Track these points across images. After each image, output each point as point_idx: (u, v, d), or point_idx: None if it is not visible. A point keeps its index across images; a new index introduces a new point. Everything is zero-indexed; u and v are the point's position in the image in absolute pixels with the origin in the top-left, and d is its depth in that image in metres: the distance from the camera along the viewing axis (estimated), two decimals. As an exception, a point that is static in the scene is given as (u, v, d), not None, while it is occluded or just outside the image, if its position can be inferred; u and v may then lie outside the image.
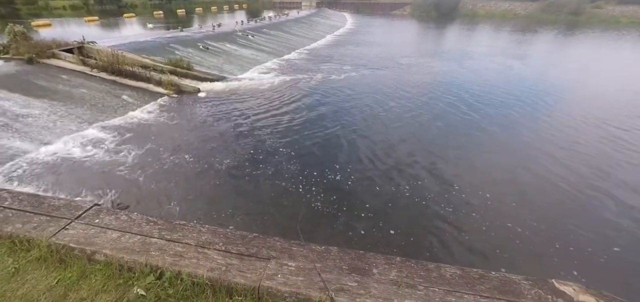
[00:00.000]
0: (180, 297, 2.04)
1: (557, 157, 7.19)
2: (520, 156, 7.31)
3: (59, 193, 4.72)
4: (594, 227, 4.88)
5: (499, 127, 8.95)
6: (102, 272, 2.13)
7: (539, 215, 5.07)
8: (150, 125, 8.21)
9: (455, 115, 9.75)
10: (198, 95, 10.94)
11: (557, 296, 2.07)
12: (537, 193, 5.73)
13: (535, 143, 7.97)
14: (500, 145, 7.93)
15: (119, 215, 2.42)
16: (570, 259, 4.21)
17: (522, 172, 6.49)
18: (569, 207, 5.35)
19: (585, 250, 4.37)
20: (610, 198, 5.63)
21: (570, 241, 4.52)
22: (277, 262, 2.20)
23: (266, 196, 5.24)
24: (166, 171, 5.81)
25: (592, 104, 11.52)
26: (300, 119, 8.92)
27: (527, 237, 4.59)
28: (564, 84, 14.27)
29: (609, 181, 6.18)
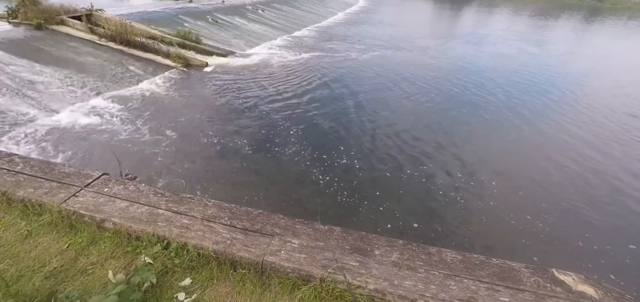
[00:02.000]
0: (186, 267, 2.11)
1: (570, 148, 7.06)
2: (531, 144, 7.20)
3: (68, 161, 4.83)
4: (606, 221, 4.84)
5: (512, 114, 8.77)
6: (111, 239, 2.20)
7: (546, 205, 5.04)
8: (157, 98, 8.25)
9: (468, 100, 9.56)
10: (206, 69, 10.88)
11: (556, 285, 2.09)
12: (546, 183, 5.68)
13: (547, 132, 7.82)
14: (512, 132, 7.80)
15: (127, 185, 2.48)
16: (577, 252, 4.21)
17: (531, 161, 6.41)
18: (580, 199, 5.30)
19: (594, 244, 4.35)
20: (626, 194, 5.54)
21: (579, 234, 4.51)
22: (281, 239, 2.24)
23: (272, 173, 5.30)
24: (173, 145, 5.88)
25: (611, 95, 11.17)
26: (308, 99, 8.85)
27: (532, 226, 4.59)
28: (582, 74, 13.82)
29: (626, 176, 6.07)
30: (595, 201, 5.34)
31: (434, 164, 6.03)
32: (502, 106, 9.34)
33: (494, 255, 2.35)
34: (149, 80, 9.51)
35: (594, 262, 4.06)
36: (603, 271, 3.87)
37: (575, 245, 4.35)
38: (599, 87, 11.93)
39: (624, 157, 6.94)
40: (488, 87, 10.84)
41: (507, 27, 26.01)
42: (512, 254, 4.09)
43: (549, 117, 8.75)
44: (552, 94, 10.65)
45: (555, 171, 6.13)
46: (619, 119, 8.93)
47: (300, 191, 4.95)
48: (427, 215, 4.70)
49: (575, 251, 4.26)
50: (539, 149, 7.01)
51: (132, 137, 6.06)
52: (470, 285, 2.02)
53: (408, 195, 5.11)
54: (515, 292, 1.99)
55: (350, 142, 6.62)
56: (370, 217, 4.54)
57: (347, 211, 4.61)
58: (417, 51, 15.41)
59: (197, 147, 5.89)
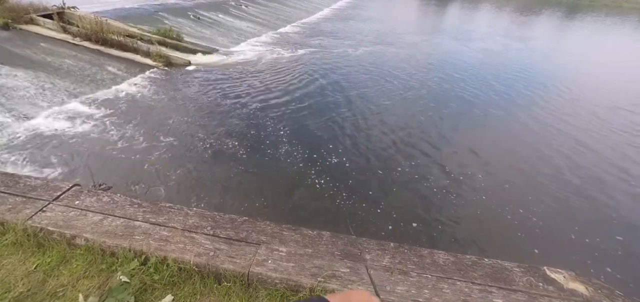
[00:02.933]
0: (167, 283, 2.00)
1: (556, 141, 7.23)
2: (520, 138, 7.32)
3: (38, 172, 4.57)
4: (595, 215, 4.95)
5: (500, 109, 8.92)
6: (83, 257, 2.06)
7: (537, 199, 5.12)
8: (137, 100, 7.95)
9: (457, 96, 9.66)
10: (188, 68, 10.58)
11: (548, 284, 2.09)
12: (535, 176, 5.78)
13: (534, 125, 7.98)
14: (501, 126, 7.92)
15: (101, 196, 2.33)
16: (568, 248, 4.28)
17: (520, 155, 6.51)
18: (569, 195, 5.40)
19: (585, 237, 4.44)
20: (611, 187, 5.70)
21: (570, 229, 4.59)
22: (268, 247, 2.15)
23: (258, 177, 5.18)
24: (153, 150, 5.66)
25: (593, 90, 11.52)
26: (295, 97, 8.73)
27: (523, 221, 4.65)
28: (564, 69, 14.21)
29: (610, 169, 6.24)
30: (582, 192, 5.48)
31: (424, 161, 6.05)
32: (490, 101, 9.49)
33: (486, 254, 2.34)
34: (128, 81, 9.15)
35: (584, 255, 4.15)
36: (593, 264, 3.95)
37: (566, 238, 4.43)
38: (581, 82, 12.29)
39: (608, 148, 7.16)
40: (476, 82, 11.00)
41: (491, 23, 26.52)
42: (505, 250, 4.13)
43: (535, 111, 8.94)
44: (537, 88, 10.89)
45: (544, 164, 6.26)
46: (601, 113, 9.22)
47: (288, 194, 4.85)
48: (418, 213, 4.70)
49: (566, 244, 4.34)
50: (527, 143, 7.14)
51: (109, 143, 5.80)
52: (464, 287, 1.99)
53: (400, 193, 5.10)
54: (508, 293, 1.98)
55: (340, 140, 6.56)
56: (361, 217, 4.49)
57: (337, 213, 4.55)
58: (405, 47, 15.49)
59: (178, 151, 5.69)
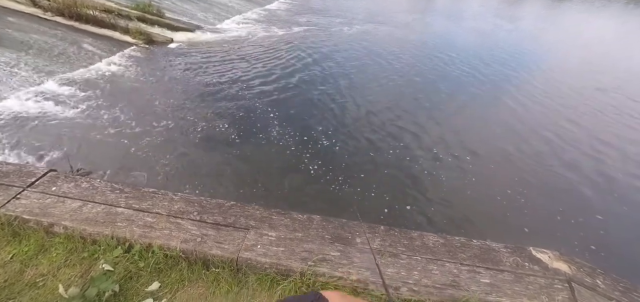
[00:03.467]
0: (153, 270, 1.96)
1: (545, 120, 7.38)
2: (508, 121, 7.43)
3: (10, 157, 4.36)
4: (579, 196, 5.12)
5: (488, 91, 8.99)
6: (63, 245, 1.99)
7: (523, 183, 5.24)
8: (117, 80, 7.62)
9: (446, 77, 9.67)
10: (170, 46, 10.17)
11: (534, 263, 2.15)
12: (522, 160, 5.90)
13: (522, 109, 8.10)
14: (488, 109, 8.01)
15: (79, 182, 2.23)
16: (553, 228, 4.44)
17: (511, 135, 6.63)
18: (554, 175, 5.55)
19: (570, 218, 4.60)
20: (595, 169, 5.88)
21: (556, 209, 4.74)
22: (257, 232, 2.13)
23: (246, 160, 5.10)
24: (134, 132, 5.47)
25: (580, 72, 11.72)
26: (285, 78, 8.55)
27: (511, 205, 4.77)
28: (553, 49, 14.37)
29: (593, 150, 6.43)
30: (567, 173, 5.64)
31: (415, 143, 6.08)
32: (480, 82, 9.54)
33: (477, 234, 2.39)
34: (106, 60, 8.73)
35: (570, 234, 4.31)
36: (579, 243, 4.12)
37: (552, 219, 4.58)
38: (568, 63, 12.49)
39: (594, 129, 7.36)
40: (467, 63, 11.01)
41: (482, 3, 26.37)
42: (495, 231, 4.25)
43: (523, 92, 9.06)
44: (526, 70, 11.01)
45: (531, 145, 6.39)
46: (588, 93, 9.44)
47: (278, 177, 4.82)
48: (410, 195, 4.76)
49: (553, 224, 4.50)
50: (515, 124, 7.26)
51: (87, 126, 5.56)
52: (452, 269, 2.03)
53: (392, 175, 5.13)
54: (495, 273, 2.03)
55: (331, 122, 6.50)
56: (353, 200, 4.51)
57: (329, 196, 4.55)
58: (398, 26, 15.28)
59: (161, 134, 5.52)
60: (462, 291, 1.91)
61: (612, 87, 10.19)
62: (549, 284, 1.99)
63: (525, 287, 1.95)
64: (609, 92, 9.78)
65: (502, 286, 1.95)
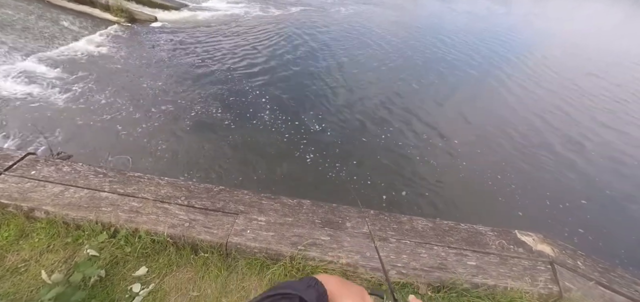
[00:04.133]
0: (140, 255, 1.94)
1: (537, 106, 7.51)
2: (498, 106, 7.52)
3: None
4: (566, 181, 5.28)
5: (480, 76, 9.05)
6: (45, 230, 1.95)
7: (513, 167, 5.36)
8: (98, 60, 7.33)
9: (438, 61, 9.66)
10: (154, 25, 9.81)
11: (518, 246, 2.23)
12: (513, 145, 6.00)
13: (513, 93, 8.20)
14: (480, 94, 8.07)
15: (60, 166, 2.17)
16: (544, 212, 4.58)
17: (499, 123, 6.72)
18: (544, 160, 5.69)
19: (557, 203, 4.74)
20: (584, 153, 6.04)
21: (543, 195, 4.88)
22: (246, 217, 2.13)
23: (234, 145, 5.04)
24: (117, 115, 5.31)
25: (572, 56, 11.89)
26: (274, 59, 8.39)
27: (500, 189, 4.88)
28: (545, 34, 14.49)
29: (584, 137, 6.59)
30: (556, 158, 5.79)
31: (408, 127, 6.12)
32: (472, 66, 9.59)
33: (466, 218, 2.44)
34: (86, 39, 8.36)
35: (560, 219, 4.46)
36: (569, 228, 4.28)
37: (542, 203, 4.73)
38: (559, 47, 12.65)
39: (585, 115, 7.54)
40: (459, 47, 11.02)
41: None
42: (484, 213, 4.35)
43: (514, 76, 9.16)
44: (517, 54, 11.11)
45: (521, 130, 6.51)
46: (578, 79, 9.62)
47: (269, 162, 4.79)
48: (402, 179, 4.82)
49: (542, 209, 4.64)
50: (505, 109, 7.36)
51: (66, 107, 5.37)
52: (440, 252, 2.08)
53: (384, 160, 5.17)
54: (482, 256, 2.09)
55: (324, 106, 6.45)
56: (344, 185, 4.54)
57: (319, 181, 4.56)
58: (392, 8, 15.08)
59: (146, 117, 5.38)
60: (450, 273, 1.96)
61: (599, 72, 10.41)
62: (532, 266, 2.07)
63: (509, 269, 2.03)
64: (597, 76, 9.99)
65: (487, 268, 2.02)
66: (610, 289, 2.03)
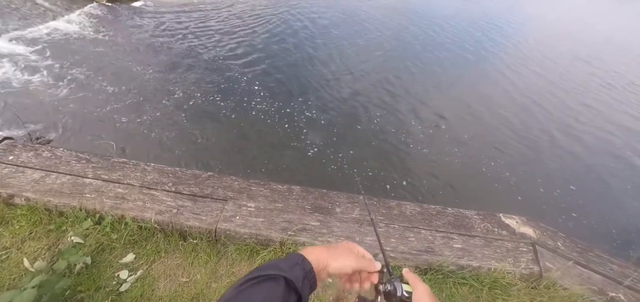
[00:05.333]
0: (127, 242, 1.93)
1: (525, 95, 7.64)
2: (491, 88, 7.63)
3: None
4: (552, 166, 5.45)
5: (470, 62, 9.12)
6: (26, 217, 1.90)
7: (499, 153, 5.48)
8: (77, 40, 7.03)
9: (431, 47, 9.67)
10: (136, 4, 9.41)
11: (502, 229, 2.31)
12: (503, 132, 6.12)
13: (503, 79, 8.32)
14: (472, 80, 8.15)
15: (39, 151, 2.10)
16: (536, 198, 4.73)
17: (492, 109, 6.83)
18: (531, 147, 5.83)
19: (553, 191, 4.90)
20: (573, 139, 6.22)
21: (537, 180, 5.03)
22: (235, 203, 2.12)
23: (222, 129, 4.97)
24: (99, 98, 5.14)
25: (558, 40, 12.07)
26: (264, 43, 8.21)
27: (497, 176, 5.00)
28: (533, 18, 14.63)
29: (570, 121, 6.77)
30: (547, 144, 5.96)
31: (400, 114, 6.16)
32: (463, 51, 9.66)
33: (457, 202, 2.50)
34: (65, 18, 7.98)
35: (545, 203, 4.63)
36: (564, 212, 4.45)
37: (535, 189, 4.87)
38: (549, 33, 12.85)
39: (570, 99, 7.73)
40: (452, 33, 11.05)
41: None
42: (478, 201, 4.44)
43: (505, 62, 9.28)
44: (508, 39, 11.23)
45: (512, 117, 6.64)
46: (565, 63, 9.82)
47: (259, 148, 4.75)
48: (391, 164, 4.87)
49: (536, 195, 4.79)
50: (497, 95, 7.47)
51: (44, 90, 5.15)
52: (428, 235, 2.14)
53: (377, 146, 5.21)
54: (467, 238, 2.16)
55: (316, 93, 6.40)
56: (334, 170, 4.56)
57: (311, 167, 4.57)
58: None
59: (130, 101, 5.23)
60: (437, 256, 2.02)
61: (587, 56, 10.64)
62: (515, 248, 2.15)
63: (493, 251, 2.10)
64: (583, 61, 10.22)
65: (473, 251, 2.08)
66: (588, 268, 2.14)
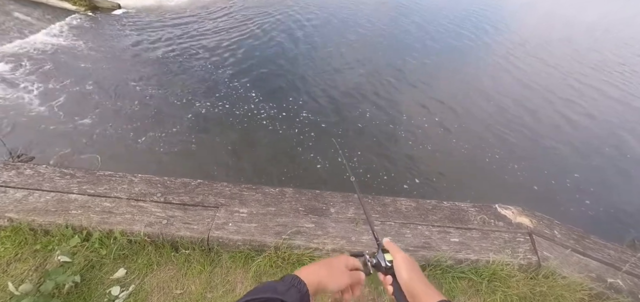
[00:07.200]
0: (117, 257, 1.90)
1: (516, 84, 7.76)
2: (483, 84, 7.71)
3: None
4: (548, 156, 5.53)
5: (465, 49, 9.24)
6: (10, 238, 1.86)
7: (494, 144, 5.55)
8: (58, 53, 6.94)
9: (421, 38, 9.76)
10: (116, 12, 9.32)
11: (499, 220, 2.33)
12: (493, 121, 6.19)
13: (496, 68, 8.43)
14: (467, 67, 8.25)
15: (21, 169, 2.06)
16: (522, 188, 4.79)
17: (485, 95, 6.92)
18: (525, 136, 5.91)
19: (541, 179, 4.97)
20: (566, 127, 6.32)
21: (525, 171, 5.09)
22: (227, 210, 2.11)
23: (210, 136, 4.94)
24: (83, 112, 5.07)
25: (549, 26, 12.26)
26: (256, 44, 8.20)
27: (482, 166, 5.05)
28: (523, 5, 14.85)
29: (565, 109, 6.87)
30: (542, 134, 6.05)
31: (391, 107, 6.20)
32: (454, 39, 9.78)
33: (447, 197, 2.52)
34: (45, 31, 7.88)
35: (544, 193, 4.69)
36: (569, 202, 4.52)
37: (540, 180, 4.95)
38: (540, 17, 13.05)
39: (562, 82, 7.86)
40: (442, 23, 11.15)
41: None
42: (469, 192, 4.48)
43: (496, 52, 9.41)
44: (504, 25, 11.38)
45: (508, 107, 6.74)
46: (555, 47, 9.99)
47: (249, 151, 4.74)
48: (386, 160, 4.90)
49: (539, 186, 4.85)
50: (490, 86, 7.56)
51: (25, 106, 5.07)
52: (424, 231, 2.15)
53: (369, 141, 5.24)
54: (464, 232, 2.18)
55: (307, 91, 6.42)
56: (327, 170, 4.57)
57: (303, 167, 4.57)
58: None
59: (115, 113, 5.18)
60: (434, 251, 2.04)
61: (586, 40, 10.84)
62: (512, 238, 2.17)
63: (491, 243, 2.12)
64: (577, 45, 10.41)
65: (470, 244, 2.10)
66: (585, 255, 2.17)
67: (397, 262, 0.87)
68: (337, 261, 0.86)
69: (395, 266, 0.87)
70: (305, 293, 0.73)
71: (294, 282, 0.74)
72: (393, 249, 0.91)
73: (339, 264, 0.85)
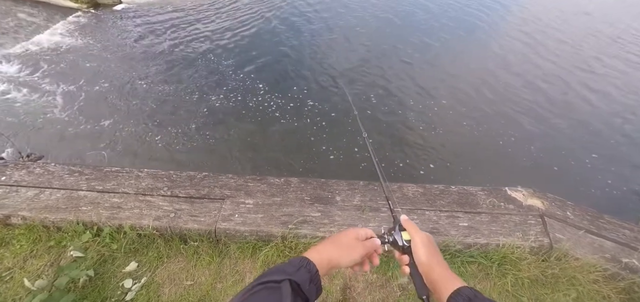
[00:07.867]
0: (128, 251, 1.96)
1: (522, 60, 7.55)
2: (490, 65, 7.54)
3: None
4: (555, 137, 5.42)
5: (466, 34, 9.00)
6: (25, 236, 1.93)
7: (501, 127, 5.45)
8: (63, 52, 7.04)
9: (422, 23, 9.54)
10: (117, 8, 9.34)
11: (509, 203, 2.30)
12: (499, 103, 6.08)
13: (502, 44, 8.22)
14: (468, 51, 8.06)
15: (31, 168, 2.13)
16: (528, 170, 4.72)
17: (490, 77, 6.77)
18: (529, 119, 5.78)
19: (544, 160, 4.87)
20: (570, 110, 6.16)
21: (528, 152, 5.01)
22: (233, 201, 2.14)
23: (215, 129, 4.98)
24: (89, 109, 5.16)
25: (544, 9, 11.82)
26: (257, 35, 8.15)
27: (489, 149, 4.98)
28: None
29: (569, 92, 6.69)
30: (552, 114, 5.92)
31: (394, 92, 6.12)
32: (458, 26, 9.51)
33: (454, 182, 2.50)
34: (49, 30, 7.99)
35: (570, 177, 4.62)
36: (584, 184, 4.44)
37: (558, 162, 4.87)
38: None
39: (567, 64, 7.62)
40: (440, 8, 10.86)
41: None
42: (479, 176, 4.44)
43: (500, 33, 9.14)
44: (503, 14, 11.03)
45: (518, 84, 6.57)
46: (554, 26, 9.67)
47: (254, 143, 4.77)
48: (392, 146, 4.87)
49: (559, 167, 4.78)
50: (497, 67, 7.38)
51: (33, 106, 5.18)
52: (432, 216, 2.14)
53: (373, 129, 5.20)
54: (473, 216, 2.16)
55: (308, 80, 6.38)
56: (333, 157, 4.56)
57: (308, 156, 4.58)
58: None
59: (121, 108, 5.25)
60: (442, 236, 2.03)
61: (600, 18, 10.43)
62: (523, 221, 2.15)
63: (501, 226, 2.10)
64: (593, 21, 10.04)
65: (479, 228, 2.09)
66: (600, 236, 2.13)
67: (415, 243, 0.84)
68: (345, 236, 0.85)
69: (414, 247, 0.83)
70: (315, 273, 0.72)
71: (303, 263, 0.73)
72: (411, 228, 0.87)
73: (348, 239, 0.84)
